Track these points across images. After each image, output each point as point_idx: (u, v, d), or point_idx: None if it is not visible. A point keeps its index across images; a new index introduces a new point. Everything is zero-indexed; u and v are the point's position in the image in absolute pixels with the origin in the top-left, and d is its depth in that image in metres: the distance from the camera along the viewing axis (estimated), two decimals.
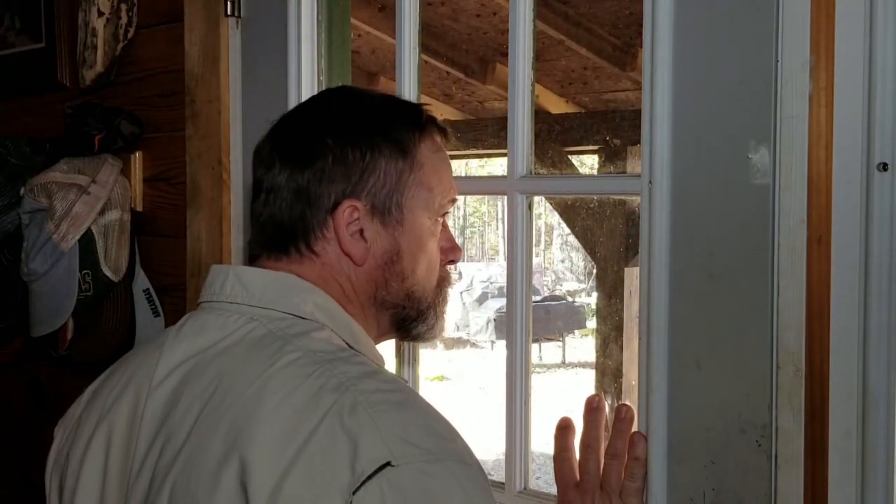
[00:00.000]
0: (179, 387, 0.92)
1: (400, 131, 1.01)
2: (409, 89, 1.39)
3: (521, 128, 1.26)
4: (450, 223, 1.10)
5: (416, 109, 1.05)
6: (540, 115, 5.17)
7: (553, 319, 11.98)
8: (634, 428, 1.11)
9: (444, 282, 1.08)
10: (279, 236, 0.99)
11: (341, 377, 0.84)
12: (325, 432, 0.80)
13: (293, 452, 0.79)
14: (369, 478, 0.77)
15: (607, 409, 1.14)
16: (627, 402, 1.13)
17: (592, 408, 1.12)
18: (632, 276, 5.24)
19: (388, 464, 0.77)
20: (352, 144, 0.98)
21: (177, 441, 0.88)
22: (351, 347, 0.95)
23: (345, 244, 0.98)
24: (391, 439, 0.79)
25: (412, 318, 1.05)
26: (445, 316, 1.08)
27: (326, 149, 0.98)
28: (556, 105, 5.45)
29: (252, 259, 1.02)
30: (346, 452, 0.78)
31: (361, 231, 0.99)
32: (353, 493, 0.76)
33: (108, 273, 1.69)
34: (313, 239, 0.98)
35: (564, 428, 1.15)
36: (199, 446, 0.85)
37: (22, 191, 1.73)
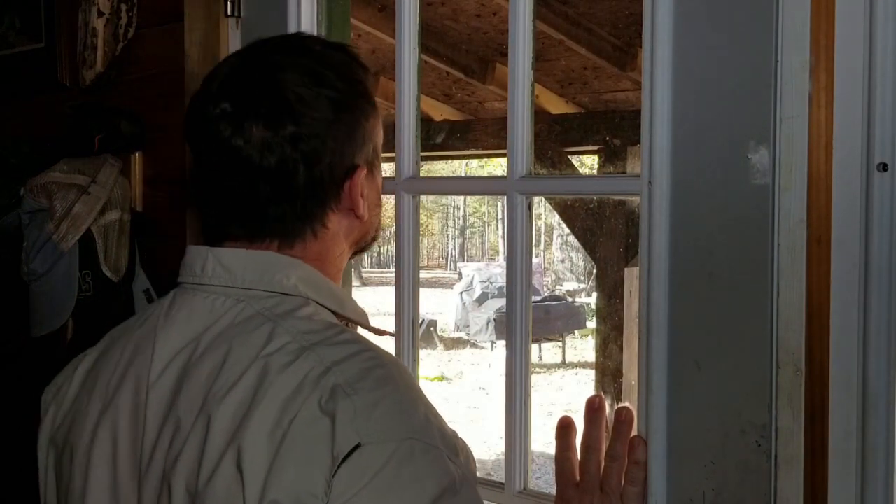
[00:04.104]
0: (181, 376, 0.92)
1: (365, 81, 1.01)
2: (408, 89, 1.39)
3: (521, 128, 1.26)
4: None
5: (355, 53, 1.04)
6: (540, 115, 5.17)
7: (553, 319, 11.99)
8: (634, 430, 1.11)
9: None
10: (293, 224, 0.97)
11: (326, 362, 0.86)
12: (307, 417, 0.83)
13: (279, 438, 0.82)
14: (344, 460, 0.80)
15: (608, 409, 1.14)
16: (627, 405, 1.13)
17: (594, 409, 1.12)
18: (632, 276, 5.23)
19: (358, 445, 0.80)
20: (348, 109, 0.97)
21: (184, 431, 0.89)
22: (336, 314, 0.98)
23: (359, 209, 0.99)
24: (362, 421, 0.82)
25: (374, 239, 1.08)
26: None
27: (333, 117, 0.96)
28: (556, 105, 5.45)
29: (228, 239, 0.98)
30: (325, 436, 0.81)
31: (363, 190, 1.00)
32: (333, 475, 0.80)
33: (108, 273, 1.70)
34: (329, 215, 0.98)
35: (566, 427, 1.15)
36: (203, 435, 0.87)
37: (22, 191, 1.73)
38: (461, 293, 14.14)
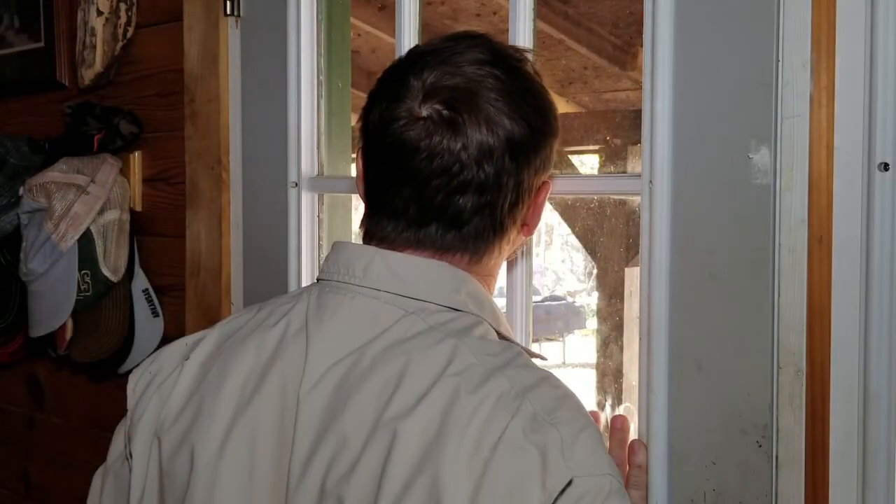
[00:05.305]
0: (341, 388, 0.85)
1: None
2: None
3: None
4: None
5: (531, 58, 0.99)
6: None
7: (553, 319, 11.97)
8: (634, 434, 1.11)
9: None
10: (488, 239, 0.92)
11: (517, 387, 0.82)
12: (512, 446, 0.78)
13: (481, 465, 0.77)
14: (559, 495, 0.76)
15: (604, 419, 1.14)
16: (620, 412, 1.12)
17: None
18: (632, 276, 5.23)
19: (570, 482, 0.77)
20: (549, 120, 0.95)
21: (354, 447, 0.82)
22: (498, 333, 0.93)
23: (534, 226, 0.97)
24: (569, 454, 0.78)
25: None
26: None
27: (543, 128, 0.93)
28: (557, 105, 5.45)
29: (410, 247, 0.91)
30: (535, 468, 0.77)
31: None
32: None
33: (107, 273, 1.69)
34: (515, 230, 0.95)
35: None
36: (385, 452, 0.80)
37: (21, 191, 1.73)
38: None
